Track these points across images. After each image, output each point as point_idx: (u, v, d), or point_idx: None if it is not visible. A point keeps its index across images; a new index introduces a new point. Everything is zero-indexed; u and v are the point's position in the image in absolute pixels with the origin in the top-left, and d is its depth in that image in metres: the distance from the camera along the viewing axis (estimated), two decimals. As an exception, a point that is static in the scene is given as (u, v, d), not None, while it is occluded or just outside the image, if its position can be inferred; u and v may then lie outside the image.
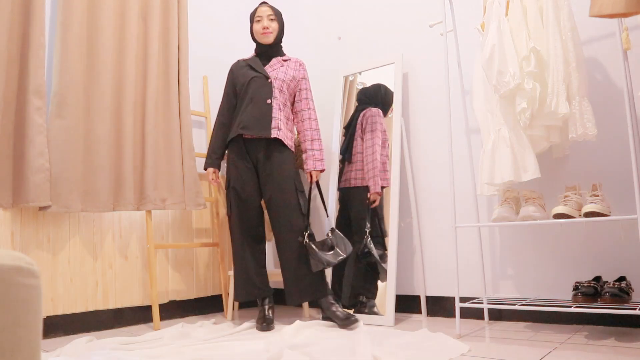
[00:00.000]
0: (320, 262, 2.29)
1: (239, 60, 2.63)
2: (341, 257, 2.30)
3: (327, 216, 2.61)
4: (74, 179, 2.30)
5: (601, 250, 2.09)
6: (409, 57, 2.81)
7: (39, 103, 2.20)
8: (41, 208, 2.25)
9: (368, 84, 2.86)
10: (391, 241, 2.50)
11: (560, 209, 1.83)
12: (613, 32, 2.11)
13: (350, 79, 2.96)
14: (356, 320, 2.22)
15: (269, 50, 2.58)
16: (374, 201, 2.59)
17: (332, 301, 2.35)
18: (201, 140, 3.10)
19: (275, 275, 2.71)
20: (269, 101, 2.45)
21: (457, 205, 2.53)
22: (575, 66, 1.89)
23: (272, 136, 2.41)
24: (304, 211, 2.42)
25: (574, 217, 1.83)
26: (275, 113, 2.45)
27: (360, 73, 2.92)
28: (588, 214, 1.77)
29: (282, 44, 2.63)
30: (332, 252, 2.32)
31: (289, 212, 2.38)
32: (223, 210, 3.12)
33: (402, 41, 2.84)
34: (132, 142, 2.53)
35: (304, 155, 2.53)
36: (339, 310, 2.30)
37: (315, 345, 1.80)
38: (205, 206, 2.77)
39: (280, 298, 3.19)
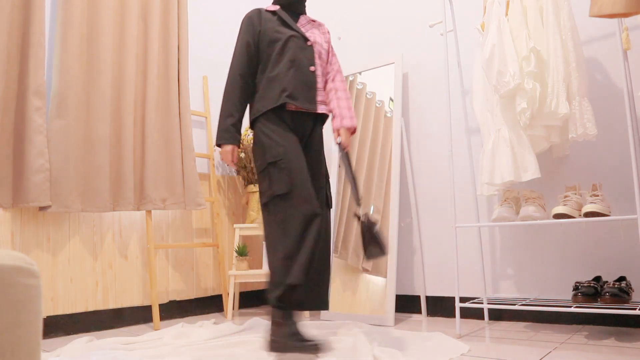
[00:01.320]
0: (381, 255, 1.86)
1: (260, 9, 2.08)
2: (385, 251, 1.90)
3: (359, 204, 2.02)
4: (74, 179, 2.30)
5: (601, 250, 2.09)
6: (409, 57, 2.81)
7: (38, 103, 2.20)
8: (41, 208, 2.25)
9: (368, 84, 2.86)
10: (391, 241, 2.50)
11: (560, 209, 1.83)
12: (613, 32, 2.11)
13: (350, 79, 2.96)
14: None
15: (298, 4, 2.10)
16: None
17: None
18: (201, 140, 3.10)
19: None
20: (312, 68, 2.00)
21: (457, 205, 2.53)
22: (575, 66, 1.89)
23: (319, 111, 2.00)
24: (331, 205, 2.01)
25: (574, 217, 1.83)
26: (319, 83, 2.03)
27: (360, 73, 2.92)
28: (588, 214, 1.77)
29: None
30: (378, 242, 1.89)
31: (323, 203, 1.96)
32: (223, 210, 3.12)
33: (402, 41, 2.84)
34: (132, 142, 2.53)
35: (331, 116, 2.08)
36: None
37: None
38: (205, 206, 2.77)
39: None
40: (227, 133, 1.94)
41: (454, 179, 2.54)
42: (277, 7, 2.07)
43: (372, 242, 1.85)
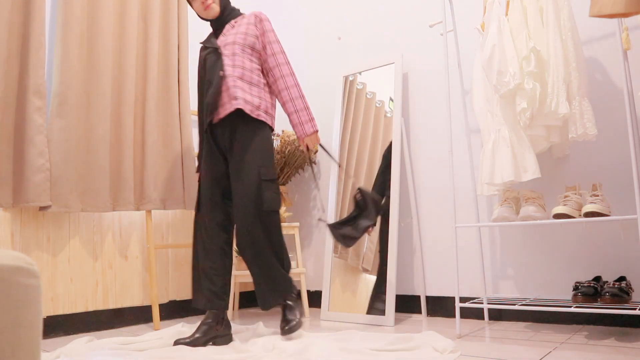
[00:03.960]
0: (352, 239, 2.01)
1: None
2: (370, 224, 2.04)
3: (340, 165, 2.22)
4: (74, 179, 2.30)
5: (601, 250, 2.09)
6: (409, 57, 2.81)
7: (39, 103, 2.20)
8: (41, 208, 2.25)
9: (368, 84, 2.86)
10: (391, 241, 2.50)
11: (560, 209, 1.83)
12: (613, 32, 2.11)
13: (350, 79, 2.96)
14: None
15: (219, 22, 2.20)
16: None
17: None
18: (201, 140, 3.10)
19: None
20: (221, 73, 2.04)
21: (457, 205, 2.53)
22: (575, 66, 1.89)
23: (228, 111, 2.02)
24: (273, 208, 2.03)
25: (574, 217, 1.83)
26: (230, 82, 2.03)
27: (360, 73, 2.92)
28: (588, 214, 1.77)
29: (233, 7, 2.26)
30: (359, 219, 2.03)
31: (253, 210, 1.99)
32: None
33: (402, 41, 2.84)
34: (132, 142, 2.53)
35: (290, 121, 2.14)
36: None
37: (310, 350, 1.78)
38: (205, 206, 2.77)
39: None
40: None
41: (454, 179, 2.54)
42: (210, 33, 2.26)
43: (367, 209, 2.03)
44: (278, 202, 2.04)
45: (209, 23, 2.34)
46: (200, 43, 2.24)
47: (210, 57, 2.09)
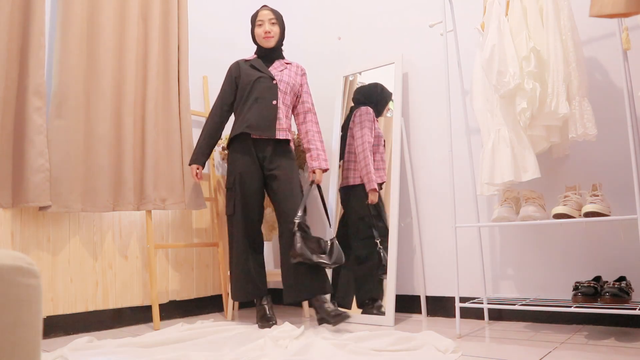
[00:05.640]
0: (300, 255, 2.24)
1: (239, 61, 2.63)
2: (323, 263, 2.26)
3: (330, 226, 2.61)
4: (74, 179, 2.30)
5: (601, 250, 2.09)
6: (409, 57, 2.81)
7: (39, 103, 2.20)
8: (41, 208, 2.25)
9: (367, 84, 2.86)
10: (391, 241, 2.50)
11: (560, 209, 1.83)
12: (613, 32, 2.11)
13: (350, 79, 2.96)
14: (347, 316, 2.21)
15: (270, 53, 2.61)
16: (372, 199, 2.60)
17: (324, 300, 2.32)
18: (201, 140, 3.10)
19: (274, 275, 2.71)
20: (274, 102, 2.47)
21: (457, 205, 2.53)
22: (575, 66, 1.89)
23: (278, 137, 2.46)
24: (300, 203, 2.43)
25: (574, 217, 1.83)
26: (280, 114, 2.47)
27: (360, 73, 2.92)
28: (588, 214, 1.77)
29: (282, 47, 2.69)
30: (319, 254, 2.28)
31: (293, 204, 2.40)
32: (223, 210, 3.11)
33: (402, 41, 2.84)
34: (132, 142, 2.53)
35: (307, 155, 2.56)
36: (330, 306, 2.28)
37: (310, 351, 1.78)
38: (205, 206, 2.77)
39: (276, 297, 3.19)
40: (195, 155, 2.57)
41: (454, 179, 2.54)
42: (254, 57, 2.62)
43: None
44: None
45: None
46: (246, 61, 2.60)
47: (265, 81, 2.51)
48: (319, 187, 2.56)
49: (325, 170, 2.54)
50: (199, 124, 3.11)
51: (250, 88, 2.51)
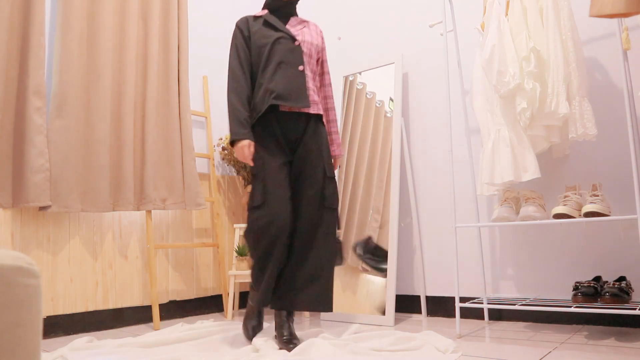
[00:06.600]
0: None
1: (247, 17, 2.11)
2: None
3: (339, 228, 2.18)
4: (74, 179, 2.30)
5: (601, 250, 2.09)
6: (409, 57, 2.81)
7: (39, 103, 2.20)
8: (41, 208, 2.25)
9: (368, 84, 2.86)
10: (391, 241, 2.50)
11: (560, 209, 1.83)
12: (613, 32, 2.11)
13: (350, 79, 2.96)
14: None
15: (286, 8, 2.11)
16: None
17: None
18: (201, 140, 3.10)
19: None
20: (301, 68, 2.00)
21: (457, 205, 2.53)
22: (575, 66, 1.89)
23: (312, 111, 2.01)
24: (334, 205, 2.02)
25: (574, 217, 1.83)
26: (309, 82, 2.02)
27: (360, 73, 2.92)
28: (588, 214, 1.77)
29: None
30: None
31: (317, 204, 1.98)
32: (223, 210, 3.12)
33: (402, 41, 2.84)
34: (132, 142, 2.53)
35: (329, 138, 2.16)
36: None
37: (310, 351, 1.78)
38: (205, 206, 2.77)
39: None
40: (243, 127, 1.95)
41: (454, 179, 2.54)
42: (265, 12, 2.09)
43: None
44: (337, 200, 2.05)
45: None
46: (255, 17, 2.09)
47: (286, 42, 2.01)
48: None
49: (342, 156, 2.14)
50: (199, 124, 3.11)
51: (269, 51, 2.00)
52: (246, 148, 1.94)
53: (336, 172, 2.15)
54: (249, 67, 2.05)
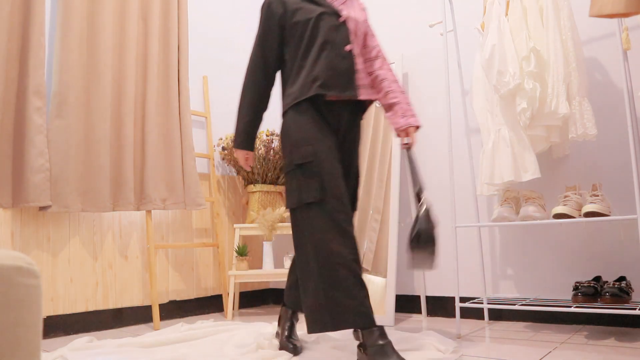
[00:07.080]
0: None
1: None
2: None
3: (420, 200, 1.74)
4: (74, 179, 2.30)
5: (601, 250, 2.09)
6: (409, 57, 2.81)
7: (39, 103, 2.20)
8: (41, 208, 2.25)
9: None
10: (391, 241, 2.50)
11: (560, 209, 1.83)
12: (613, 32, 2.11)
13: (350, 79, 2.96)
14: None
15: None
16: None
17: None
18: (201, 140, 3.10)
19: (273, 275, 2.71)
20: (348, 48, 1.73)
21: (457, 205, 2.53)
22: (575, 66, 1.89)
23: (362, 97, 1.76)
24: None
25: (574, 217, 1.83)
26: (359, 65, 1.77)
27: (360, 73, 2.92)
28: (588, 214, 1.77)
29: None
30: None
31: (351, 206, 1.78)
32: (223, 210, 3.12)
33: (402, 41, 2.84)
34: (132, 142, 2.53)
35: (394, 110, 1.82)
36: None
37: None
38: (205, 206, 2.77)
39: (278, 298, 3.19)
40: (246, 136, 1.81)
41: (454, 179, 2.54)
42: None
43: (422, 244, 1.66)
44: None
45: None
46: None
47: (330, 19, 1.73)
48: (412, 154, 1.82)
49: (416, 128, 1.79)
50: (199, 124, 3.11)
51: (312, 30, 1.72)
52: (242, 155, 1.85)
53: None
54: (274, 58, 1.80)
